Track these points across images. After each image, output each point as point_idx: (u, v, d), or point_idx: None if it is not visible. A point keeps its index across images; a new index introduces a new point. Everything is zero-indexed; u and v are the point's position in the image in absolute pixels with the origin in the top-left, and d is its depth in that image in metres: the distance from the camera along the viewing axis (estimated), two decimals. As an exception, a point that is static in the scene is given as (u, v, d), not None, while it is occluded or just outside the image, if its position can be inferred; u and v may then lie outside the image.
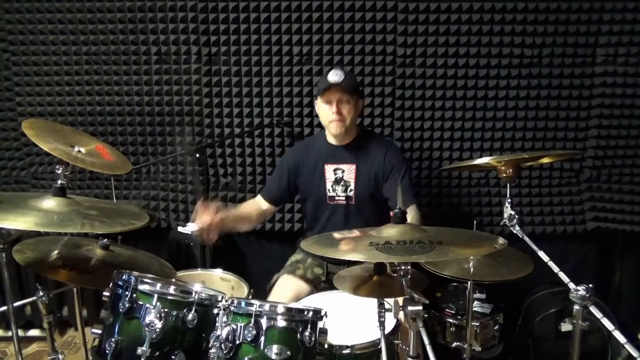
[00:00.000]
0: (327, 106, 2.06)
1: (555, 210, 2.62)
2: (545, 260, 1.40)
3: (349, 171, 2.14)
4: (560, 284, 1.47)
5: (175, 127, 2.64)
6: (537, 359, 2.35)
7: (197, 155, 2.41)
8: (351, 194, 2.14)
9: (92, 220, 1.37)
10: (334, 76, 2.02)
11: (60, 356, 1.73)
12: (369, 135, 2.24)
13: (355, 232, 1.50)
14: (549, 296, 2.42)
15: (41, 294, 1.64)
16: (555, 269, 1.38)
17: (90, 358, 1.41)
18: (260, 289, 2.11)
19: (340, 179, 2.15)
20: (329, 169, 2.16)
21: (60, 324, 2.87)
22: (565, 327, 2.30)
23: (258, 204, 2.29)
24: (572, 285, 1.35)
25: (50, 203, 1.39)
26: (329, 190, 2.17)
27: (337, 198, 2.17)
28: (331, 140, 2.18)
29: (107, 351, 1.34)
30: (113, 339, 1.34)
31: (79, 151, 1.71)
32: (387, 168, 2.10)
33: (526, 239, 1.46)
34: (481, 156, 2.55)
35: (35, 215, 1.31)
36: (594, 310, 1.32)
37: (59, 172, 1.50)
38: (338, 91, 2.02)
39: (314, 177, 2.19)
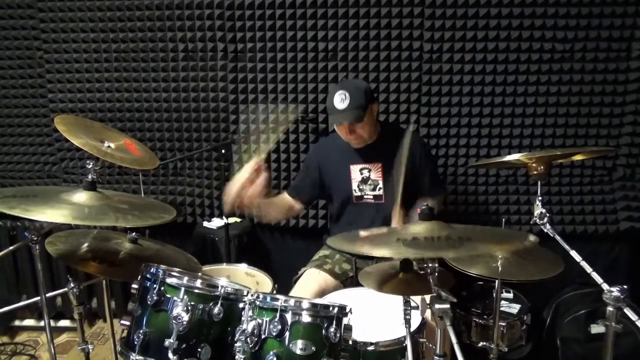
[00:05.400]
0: (340, 128, 2.03)
1: (586, 209, 2.55)
2: (578, 260, 1.36)
3: (375, 170, 2.10)
4: (590, 284, 1.43)
5: (201, 124, 2.67)
6: (565, 360, 2.30)
7: (223, 151, 2.44)
8: (380, 192, 2.11)
9: (125, 213, 1.40)
10: (339, 102, 1.94)
11: (90, 346, 1.77)
12: (392, 130, 2.18)
13: (383, 230, 1.48)
14: (579, 297, 2.35)
15: (72, 285, 1.67)
16: (589, 269, 1.34)
17: (119, 349, 1.42)
18: (285, 284, 2.11)
19: (367, 178, 2.11)
20: (354, 169, 2.13)
21: (89, 315, 2.94)
22: (596, 328, 2.24)
23: (287, 198, 2.28)
24: (605, 286, 1.30)
25: (81, 197, 1.43)
26: (355, 190, 2.14)
27: (365, 197, 2.13)
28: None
29: (136, 342, 1.36)
30: (141, 331, 1.37)
31: (109, 146, 1.75)
32: (414, 161, 2.06)
33: (558, 238, 1.42)
34: (509, 153, 2.49)
35: (69, 209, 1.34)
36: (628, 312, 1.28)
37: (89, 166, 1.53)
38: (346, 119, 1.97)
39: (339, 177, 2.16)
